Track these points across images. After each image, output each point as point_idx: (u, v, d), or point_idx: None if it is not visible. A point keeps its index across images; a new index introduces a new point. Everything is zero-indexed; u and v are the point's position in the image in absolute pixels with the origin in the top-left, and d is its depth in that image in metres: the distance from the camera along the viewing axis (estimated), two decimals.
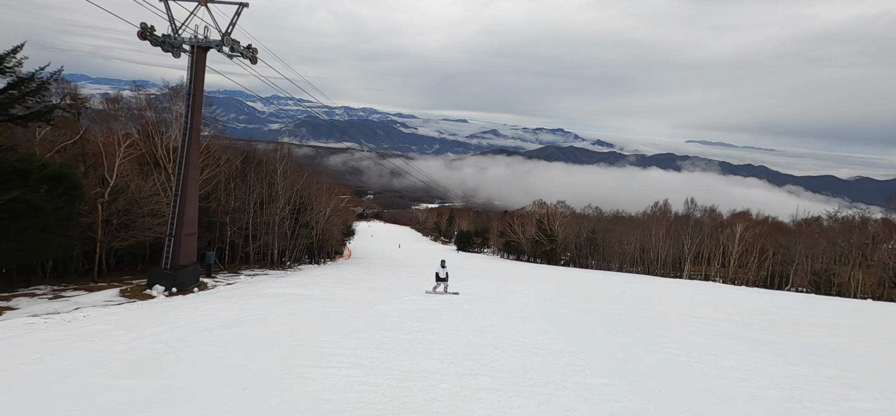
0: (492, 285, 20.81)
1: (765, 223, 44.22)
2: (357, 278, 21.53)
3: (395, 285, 18.45)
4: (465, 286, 19.13)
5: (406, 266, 34.54)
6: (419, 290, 16.70)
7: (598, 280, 26.89)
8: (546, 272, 32.68)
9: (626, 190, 61.11)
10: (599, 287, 22.84)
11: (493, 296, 16.91)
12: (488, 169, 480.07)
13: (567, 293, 19.66)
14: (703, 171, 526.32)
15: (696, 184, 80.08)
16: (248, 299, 13.00)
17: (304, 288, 15.53)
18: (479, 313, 13.00)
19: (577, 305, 16.24)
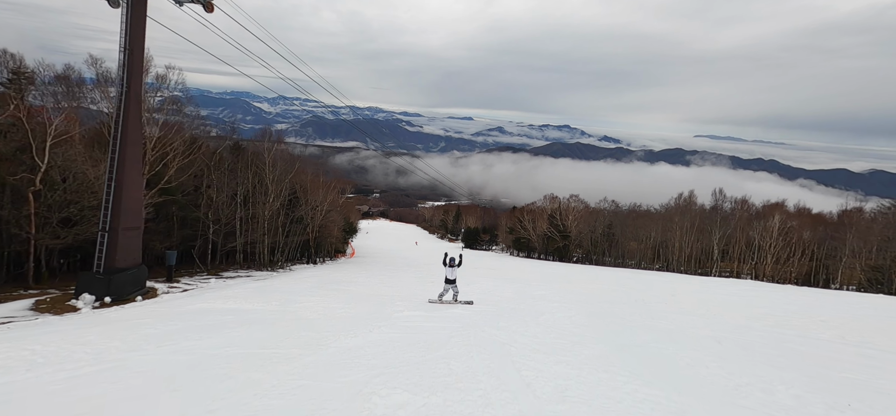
0: (510, 287, 17.32)
1: (803, 215, 40.17)
2: (346, 281, 18.14)
3: (392, 289, 15.11)
4: (479, 290, 15.71)
5: (411, 265, 31.18)
6: (421, 298, 13.11)
7: (630, 280, 23.12)
8: (564, 271, 29.08)
9: (634, 186, 58.39)
10: (640, 288, 19.15)
11: (521, 307, 12.83)
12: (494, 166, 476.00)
13: (609, 299, 15.92)
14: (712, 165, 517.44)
15: (707, 179, 76.55)
16: (173, 321, 9.59)
17: (265, 298, 12.17)
18: (515, 349, 8.21)
19: (637, 319, 12.37)
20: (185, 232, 24.07)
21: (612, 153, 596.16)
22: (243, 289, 14.72)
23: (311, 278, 20.01)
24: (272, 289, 14.11)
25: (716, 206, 44.60)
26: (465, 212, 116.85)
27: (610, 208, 60.02)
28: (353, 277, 19.50)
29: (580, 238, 59.92)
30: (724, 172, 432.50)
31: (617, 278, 24.24)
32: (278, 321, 9.64)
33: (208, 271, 24.13)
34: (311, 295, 12.84)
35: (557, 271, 29.95)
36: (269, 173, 28.59)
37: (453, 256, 12.47)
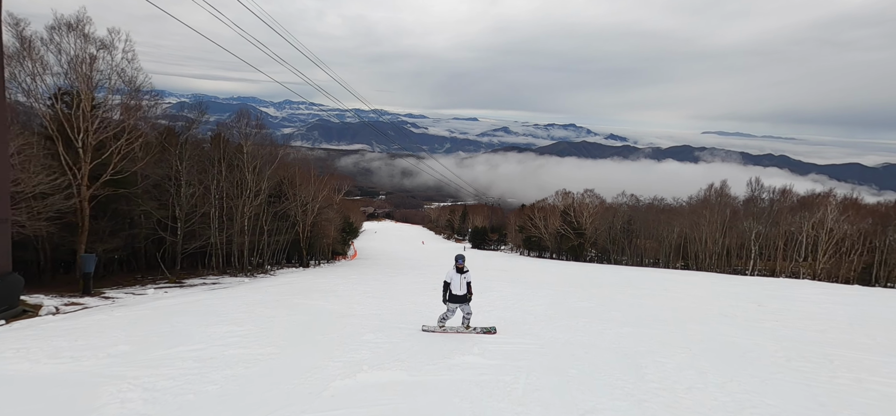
0: (537, 296, 12.98)
1: (852, 206, 35.64)
2: (322, 291, 14.17)
3: (375, 304, 11.18)
4: (496, 301, 11.74)
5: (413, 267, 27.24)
6: (412, 323, 8.62)
7: (680, 284, 18.77)
8: (591, 273, 24.92)
9: (641, 183, 54.70)
10: (703, 295, 14.76)
11: (580, 341, 7.87)
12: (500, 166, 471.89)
13: (700, 316, 11.00)
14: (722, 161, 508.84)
15: (717, 175, 72.82)
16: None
17: (121, 337, 7.59)
18: None
19: (779, 356, 7.51)
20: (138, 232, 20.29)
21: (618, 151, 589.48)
22: (139, 312, 10.10)
23: (280, 285, 16.14)
24: (181, 310, 9.70)
25: (752, 197, 40.18)
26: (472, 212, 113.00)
27: (629, 202, 55.65)
28: (336, 285, 15.57)
29: (596, 236, 55.72)
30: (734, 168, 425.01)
31: (660, 282, 20.03)
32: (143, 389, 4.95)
33: (170, 278, 20.33)
34: (231, 324, 8.30)
35: (581, 272, 25.79)
36: (247, 164, 24.84)
37: (462, 264, 7.73)
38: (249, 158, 24.92)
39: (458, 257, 7.63)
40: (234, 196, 24.07)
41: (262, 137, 25.67)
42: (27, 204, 14.63)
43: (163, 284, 18.99)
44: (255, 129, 25.08)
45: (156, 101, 19.61)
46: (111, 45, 17.86)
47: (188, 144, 22.65)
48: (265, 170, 25.97)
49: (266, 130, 25.60)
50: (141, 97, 19.27)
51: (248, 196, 25.04)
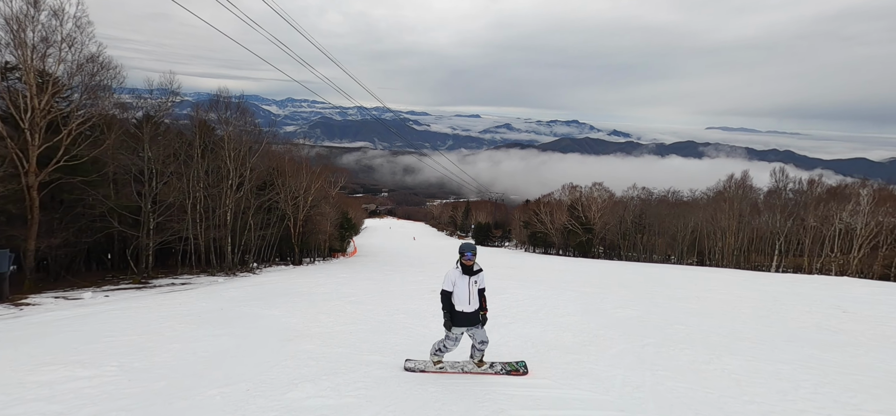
0: (567, 302, 10.23)
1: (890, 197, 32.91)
2: (297, 295, 11.73)
3: (356, 315, 8.52)
4: (510, 307, 9.30)
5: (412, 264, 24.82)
6: (394, 351, 6.04)
7: (718, 284, 16.04)
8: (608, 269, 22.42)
9: (645, 180, 52.71)
10: (758, 299, 11.90)
11: (669, 384, 5.16)
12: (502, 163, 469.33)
13: (792, 335, 8.37)
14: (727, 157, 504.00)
15: (722, 170, 70.32)
16: None
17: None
18: None
19: None
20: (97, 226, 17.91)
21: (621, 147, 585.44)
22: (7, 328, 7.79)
23: (250, 286, 13.76)
24: (67, 327, 7.07)
25: (776, 188, 37.48)
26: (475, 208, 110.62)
27: (641, 195, 53.01)
28: (315, 287, 13.16)
29: (605, 231, 53.20)
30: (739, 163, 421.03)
31: (692, 280, 17.49)
32: None
33: (135, 279, 17.97)
34: (97, 358, 5.59)
35: (598, 269, 23.30)
36: (227, 151, 22.44)
37: (474, 259, 4.86)
38: (229, 144, 22.51)
39: (464, 249, 4.59)
40: (212, 186, 21.69)
41: (244, 122, 23.24)
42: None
43: (126, 284, 16.65)
44: (235, 113, 22.62)
45: (113, 75, 17.15)
46: (59, 11, 15.45)
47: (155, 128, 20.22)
48: (248, 158, 23.54)
49: (249, 115, 23.18)
50: (93, 70, 16.84)
51: (228, 187, 22.66)
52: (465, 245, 4.62)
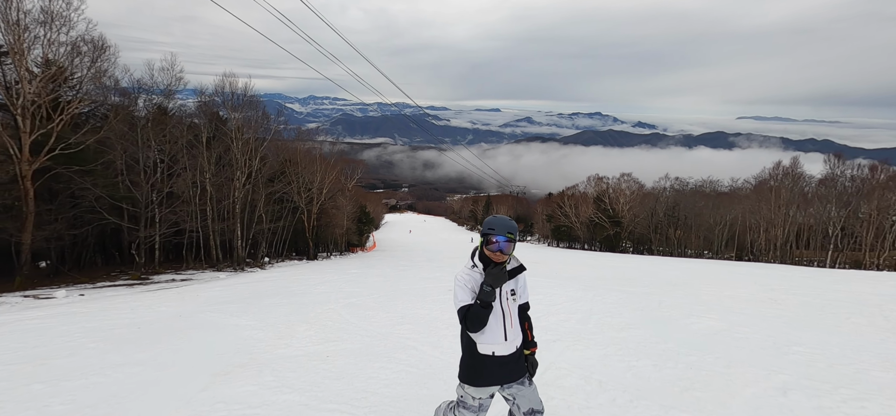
0: (617, 310, 7.84)
1: None
2: (290, 294, 10.18)
3: (343, 325, 6.68)
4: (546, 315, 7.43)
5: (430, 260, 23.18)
6: (377, 404, 3.72)
7: (818, 290, 13.36)
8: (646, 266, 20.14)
9: (671, 172, 49.15)
10: (865, 306, 9.20)
11: None
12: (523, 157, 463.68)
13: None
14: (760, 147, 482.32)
15: (753, 161, 65.01)
16: None
17: None
18: None
19: None
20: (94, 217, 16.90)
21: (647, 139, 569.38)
22: None
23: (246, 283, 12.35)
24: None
25: (830, 176, 33.93)
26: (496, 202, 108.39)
27: (675, 186, 49.71)
28: (317, 285, 11.59)
29: (634, 224, 50.25)
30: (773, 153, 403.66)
31: (753, 278, 15.12)
32: None
33: (134, 274, 16.94)
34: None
35: (634, 265, 21.06)
36: (235, 141, 21.22)
37: (511, 248, 2.46)
38: (238, 133, 21.30)
39: (493, 226, 2.42)
40: (219, 177, 20.54)
41: (253, 109, 21.98)
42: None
43: (123, 281, 15.60)
44: (243, 98, 21.36)
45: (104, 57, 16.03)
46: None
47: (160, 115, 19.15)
48: (258, 148, 22.32)
49: (256, 98, 21.89)
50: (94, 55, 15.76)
51: (238, 178, 21.49)
52: (494, 221, 2.40)
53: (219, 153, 20.78)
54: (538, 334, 6.12)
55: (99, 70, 16.41)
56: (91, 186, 15.81)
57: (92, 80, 16.60)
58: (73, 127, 16.36)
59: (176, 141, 18.65)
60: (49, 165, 15.21)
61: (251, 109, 21.88)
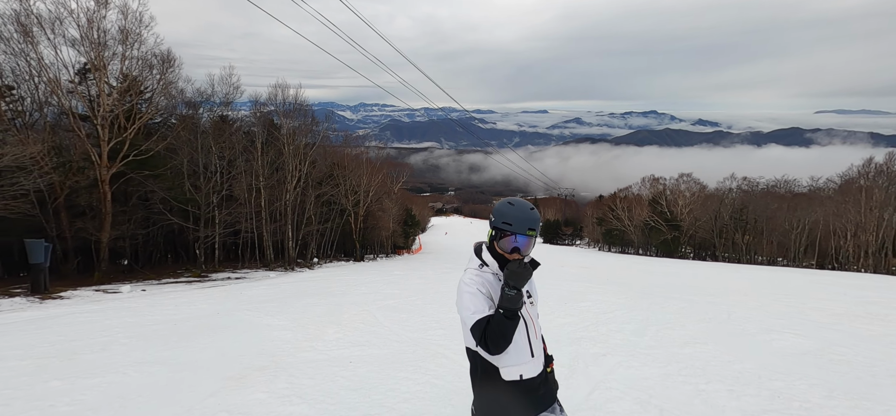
0: (683, 319, 7.01)
1: None
2: (327, 294, 10.16)
3: (363, 345, 5.62)
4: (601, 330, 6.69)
5: None
6: None
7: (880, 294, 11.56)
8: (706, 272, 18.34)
9: (737, 171, 43.80)
10: None
11: None
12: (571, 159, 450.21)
13: None
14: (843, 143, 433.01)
15: (835, 159, 55.87)
16: None
17: None
18: None
19: None
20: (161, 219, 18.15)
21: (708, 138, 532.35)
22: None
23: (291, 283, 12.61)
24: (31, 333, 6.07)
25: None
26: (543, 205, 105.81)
27: (743, 187, 45.55)
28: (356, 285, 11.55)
29: (694, 228, 46.62)
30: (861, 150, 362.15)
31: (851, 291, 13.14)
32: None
33: (195, 272, 18.00)
34: None
35: (698, 273, 19.29)
36: (287, 146, 22.09)
37: (521, 241, 1.89)
38: (289, 138, 22.15)
39: (506, 228, 1.87)
40: (272, 180, 21.43)
41: (303, 115, 22.78)
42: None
43: (185, 278, 16.61)
44: (293, 105, 22.21)
45: (171, 70, 17.24)
46: (124, 8, 15.67)
47: (220, 123, 20.33)
48: (307, 152, 23.08)
49: (306, 105, 22.70)
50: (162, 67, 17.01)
51: (289, 182, 22.33)
52: (511, 212, 1.87)
53: (271, 157, 21.70)
54: (585, 347, 5.48)
55: (167, 82, 17.68)
56: (158, 189, 17.03)
57: (161, 91, 17.94)
58: (145, 135, 17.76)
59: (233, 147, 19.69)
60: (123, 170, 16.55)
61: (301, 115, 22.69)
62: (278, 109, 21.99)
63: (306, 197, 23.82)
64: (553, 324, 6.61)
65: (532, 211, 1.88)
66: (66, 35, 15.33)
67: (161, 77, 17.79)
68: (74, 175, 14.90)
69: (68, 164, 15.49)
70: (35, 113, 16.73)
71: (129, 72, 16.70)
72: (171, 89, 18.57)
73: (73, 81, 16.40)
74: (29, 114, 16.62)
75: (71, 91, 16.31)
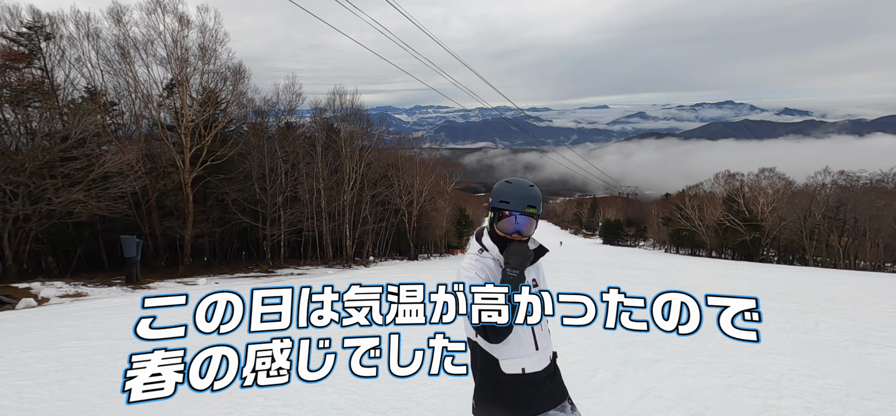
0: (783, 339, 6.27)
1: None
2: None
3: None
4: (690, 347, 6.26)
5: None
6: None
7: None
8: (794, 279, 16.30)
9: (832, 165, 37.28)
10: None
11: None
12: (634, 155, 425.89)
13: None
14: None
15: None
16: None
17: None
18: None
19: None
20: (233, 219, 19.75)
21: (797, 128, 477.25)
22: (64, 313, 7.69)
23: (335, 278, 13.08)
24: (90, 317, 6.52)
25: None
26: (603, 204, 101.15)
27: (840, 183, 40.14)
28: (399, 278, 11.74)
29: (778, 229, 41.89)
30: None
31: None
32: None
33: (263, 267, 19.42)
34: None
35: (783, 277, 17.29)
36: (345, 149, 23.13)
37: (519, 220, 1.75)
38: (347, 141, 23.18)
39: (503, 207, 1.76)
40: (330, 181, 22.55)
41: (359, 120, 23.75)
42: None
43: (254, 273, 17.98)
44: (350, 110, 23.22)
45: (242, 79, 18.77)
46: (203, 28, 17.34)
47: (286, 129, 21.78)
48: (363, 154, 24.00)
49: (361, 109, 23.64)
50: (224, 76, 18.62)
51: (347, 183, 23.37)
52: (508, 189, 1.76)
53: (330, 160, 22.84)
54: (636, 350, 5.08)
55: (239, 92, 19.28)
56: (231, 190, 18.62)
57: (234, 101, 19.60)
58: (220, 142, 19.51)
59: (296, 151, 21.00)
60: (201, 174, 18.26)
61: (357, 119, 23.66)
62: (336, 113, 23.11)
63: (362, 197, 24.78)
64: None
65: (531, 188, 1.77)
66: (156, 55, 17.31)
67: (233, 88, 19.45)
68: (162, 179, 16.70)
69: (158, 169, 17.39)
70: (132, 125, 19.06)
71: (207, 85, 18.41)
72: (242, 99, 20.24)
73: (161, 95, 18.46)
74: (127, 126, 18.97)
75: (160, 104, 18.34)
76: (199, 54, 17.97)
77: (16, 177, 10.60)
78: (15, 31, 15.67)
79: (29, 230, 11.94)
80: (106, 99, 17.43)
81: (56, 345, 5.02)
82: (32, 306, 7.92)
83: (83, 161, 12.40)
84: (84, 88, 17.38)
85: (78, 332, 5.63)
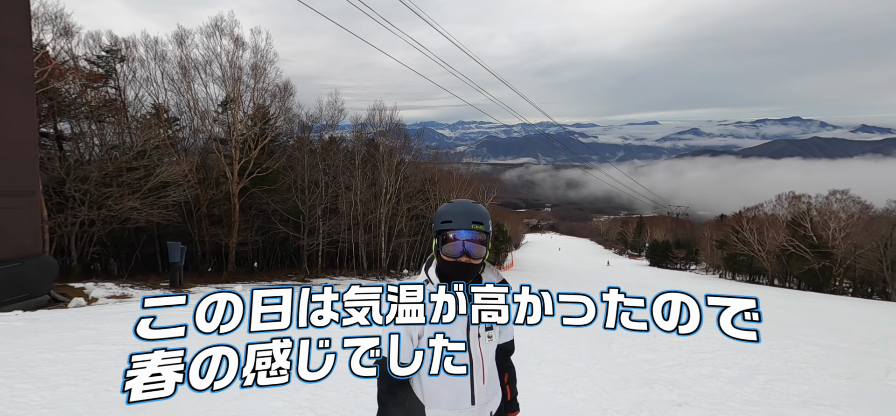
0: (822, 371, 5.53)
1: None
2: None
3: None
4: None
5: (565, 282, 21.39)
6: None
7: None
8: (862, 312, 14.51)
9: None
10: None
11: None
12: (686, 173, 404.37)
13: None
14: None
15: None
16: None
17: None
18: None
19: None
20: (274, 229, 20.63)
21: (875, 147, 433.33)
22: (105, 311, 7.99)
23: None
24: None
25: None
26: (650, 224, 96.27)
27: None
28: None
29: (853, 257, 37.82)
30: None
31: None
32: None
33: (300, 276, 20.09)
34: None
35: (853, 312, 15.49)
36: (383, 162, 23.65)
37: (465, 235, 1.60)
38: (385, 155, 23.69)
39: (447, 228, 1.61)
40: (368, 193, 23.08)
41: (398, 135, 24.26)
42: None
43: (291, 281, 18.64)
44: (389, 125, 23.80)
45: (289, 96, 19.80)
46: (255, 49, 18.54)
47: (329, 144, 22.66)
48: (401, 168, 24.43)
49: (400, 124, 24.16)
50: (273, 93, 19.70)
51: (383, 196, 23.83)
52: (450, 209, 1.62)
53: (367, 173, 23.44)
54: (657, 391, 4.61)
55: (285, 108, 20.34)
56: (272, 201, 19.53)
57: (281, 116, 20.70)
58: (267, 155, 20.59)
59: (337, 164, 21.76)
60: (247, 185, 19.30)
61: (396, 134, 24.20)
62: (375, 128, 23.75)
63: (398, 210, 25.12)
64: (628, 360, 5.76)
65: (476, 204, 1.62)
66: (213, 74, 18.67)
67: (281, 104, 20.55)
68: (212, 189, 17.82)
69: (209, 179, 18.59)
70: (191, 139, 20.60)
71: (257, 101, 19.58)
72: (288, 114, 21.32)
73: (217, 111, 19.84)
74: (186, 140, 20.53)
75: (215, 119, 19.69)
76: (252, 73, 19.19)
77: (83, 185, 11.82)
78: (95, 55, 17.60)
79: (93, 234, 13.17)
80: (168, 115, 18.97)
81: (71, 348, 5.30)
82: (82, 305, 8.62)
83: (142, 171, 13.56)
84: (151, 104, 19.15)
85: (97, 336, 5.94)
